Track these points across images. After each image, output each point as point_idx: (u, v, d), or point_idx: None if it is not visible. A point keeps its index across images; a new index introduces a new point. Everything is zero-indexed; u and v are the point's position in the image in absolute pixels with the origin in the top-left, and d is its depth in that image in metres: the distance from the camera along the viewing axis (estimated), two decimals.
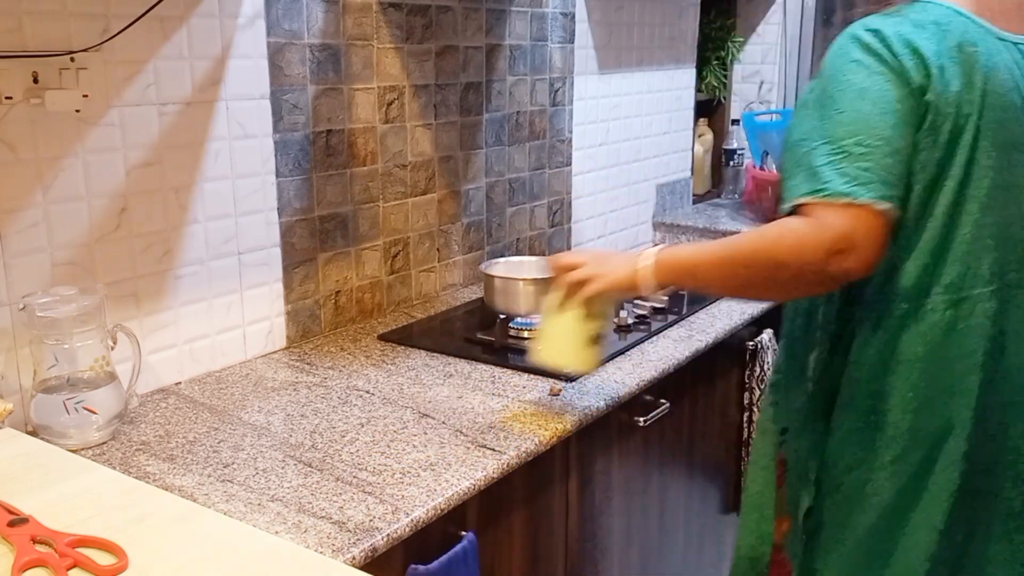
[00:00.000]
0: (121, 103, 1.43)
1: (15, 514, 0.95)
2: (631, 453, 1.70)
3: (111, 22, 1.38)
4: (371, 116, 1.86)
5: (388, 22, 1.86)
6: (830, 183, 1.06)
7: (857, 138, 1.08)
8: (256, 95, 1.63)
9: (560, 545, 1.53)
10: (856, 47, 1.12)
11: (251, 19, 1.59)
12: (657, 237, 2.95)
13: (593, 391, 1.53)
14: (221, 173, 1.59)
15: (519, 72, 2.24)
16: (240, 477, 1.22)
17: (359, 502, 1.15)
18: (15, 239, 1.32)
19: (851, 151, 1.07)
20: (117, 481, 1.05)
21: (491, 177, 2.21)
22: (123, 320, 1.46)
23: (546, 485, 1.46)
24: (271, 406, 1.47)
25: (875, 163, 1.06)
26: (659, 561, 1.88)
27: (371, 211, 1.90)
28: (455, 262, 2.15)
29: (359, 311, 1.91)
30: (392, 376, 1.60)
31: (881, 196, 1.05)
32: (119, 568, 0.86)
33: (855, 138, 1.08)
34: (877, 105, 1.09)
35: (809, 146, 1.11)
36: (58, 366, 1.29)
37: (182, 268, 1.56)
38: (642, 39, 2.71)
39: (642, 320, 1.90)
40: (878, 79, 1.10)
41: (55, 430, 1.28)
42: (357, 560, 1.05)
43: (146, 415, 1.43)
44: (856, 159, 1.07)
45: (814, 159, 1.09)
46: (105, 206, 1.43)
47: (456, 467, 1.25)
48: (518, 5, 2.19)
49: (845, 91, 1.10)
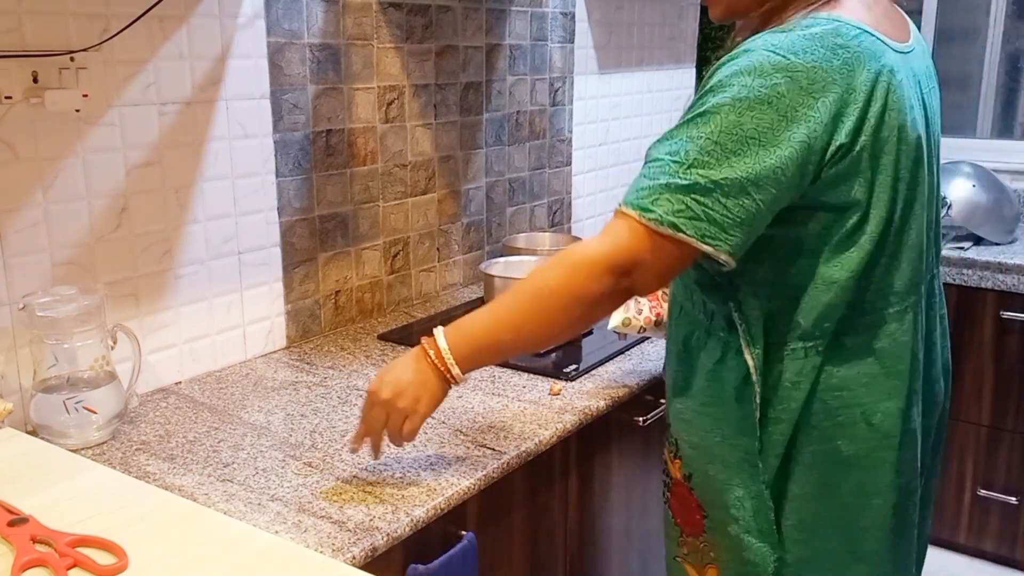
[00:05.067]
0: (121, 103, 1.43)
1: (15, 514, 0.95)
2: (631, 453, 1.70)
3: (111, 22, 1.38)
4: (371, 116, 1.86)
5: (388, 22, 1.86)
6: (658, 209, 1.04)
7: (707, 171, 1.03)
8: (256, 95, 1.63)
9: (560, 545, 1.53)
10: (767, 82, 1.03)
11: (251, 19, 1.59)
12: None
13: (593, 391, 1.53)
14: (221, 173, 1.59)
15: (519, 72, 2.24)
16: (240, 477, 1.22)
17: (359, 502, 1.15)
18: (15, 239, 1.32)
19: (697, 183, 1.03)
20: (117, 481, 1.05)
21: (491, 177, 2.21)
22: (123, 320, 1.46)
23: (546, 485, 1.46)
24: (271, 406, 1.47)
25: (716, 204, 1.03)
26: (659, 561, 1.88)
27: (371, 211, 1.90)
28: (455, 262, 2.15)
29: (359, 311, 1.91)
30: None
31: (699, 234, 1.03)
32: (119, 568, 0.86)
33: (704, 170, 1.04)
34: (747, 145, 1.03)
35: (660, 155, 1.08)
36: (58, 366, 1.29)
37: (182, 268, 1.56)
38: (642, 39, 2.71)
39: None
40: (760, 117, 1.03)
41: (55, 430, 1.28)
42: (357, 559, 1.05)
43: (146, 415, 1.43)
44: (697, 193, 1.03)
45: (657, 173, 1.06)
46: (105, 206, 1.43)
47: (456, 467, 1.25)
48: (518, 5, 2.19)
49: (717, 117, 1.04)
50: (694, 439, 1.24)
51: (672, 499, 1.32)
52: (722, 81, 1.05)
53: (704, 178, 1.02)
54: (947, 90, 3.06)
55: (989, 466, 2.54)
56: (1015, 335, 2.43)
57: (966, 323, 2.49)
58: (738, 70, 1.04)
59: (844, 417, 1.16)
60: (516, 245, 2.12)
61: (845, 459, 1.17)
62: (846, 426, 1.16)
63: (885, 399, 1.16)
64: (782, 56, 1.03)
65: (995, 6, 2.95)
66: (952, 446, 2.58)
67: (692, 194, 1.03)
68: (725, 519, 1.22)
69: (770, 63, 1.03)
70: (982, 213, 2.56)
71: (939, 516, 2.64)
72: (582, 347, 1.75)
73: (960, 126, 3.06)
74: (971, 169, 2.64)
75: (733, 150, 1.02)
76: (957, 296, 2.48)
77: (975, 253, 2.46)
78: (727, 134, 1.02)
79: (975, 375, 2.51)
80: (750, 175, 1.02)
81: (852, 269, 1.11)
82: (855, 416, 1.16)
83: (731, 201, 1.02)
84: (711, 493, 1.23)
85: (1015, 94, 3.00)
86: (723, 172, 1.02)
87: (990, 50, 2.99)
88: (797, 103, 1.02)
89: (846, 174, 1.06)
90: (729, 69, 1.05)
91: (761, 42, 1.06)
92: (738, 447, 1.19)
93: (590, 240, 1.11)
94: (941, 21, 3.01)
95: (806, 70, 1.02)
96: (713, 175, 1.02)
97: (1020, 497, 2.50)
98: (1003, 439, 2.50)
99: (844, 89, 1.03)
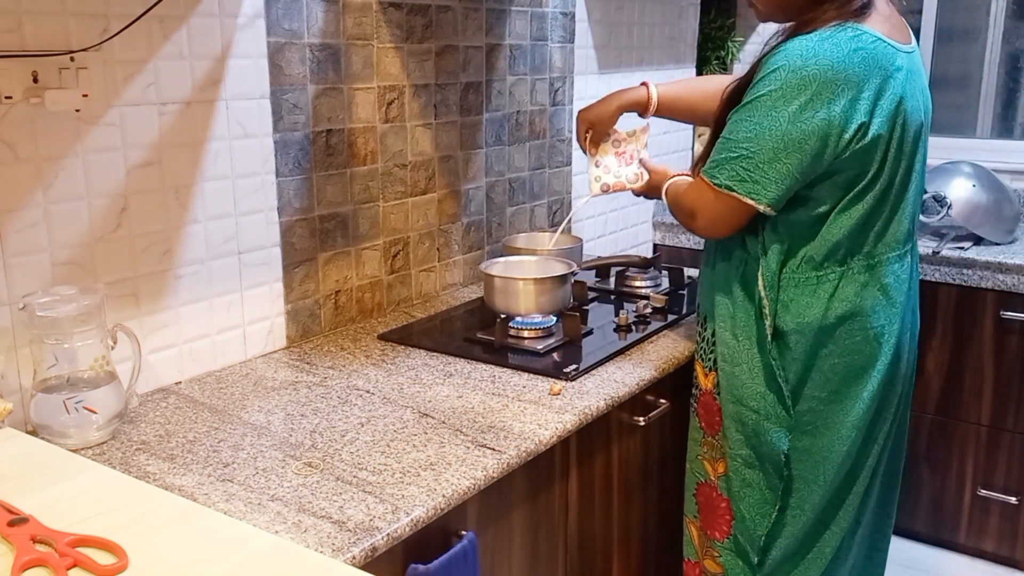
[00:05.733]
0: (121, 103, 1.43)
1: (15, 514, 0.95)
2: (631, 453, 1.70)
3: (111, 22, 1.38)
4: (371, 116, 1.86)
5: (388, 22, 1.86)
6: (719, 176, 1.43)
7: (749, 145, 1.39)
8: (256, 95, 1.63)
9: (560, 545, 1.53)
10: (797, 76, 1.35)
11: (251, 19, 1.59)
12: (657, 237, 2.95)
13: (593, 391, 1.53)
14: (221, 173, 1.59)
15: (519, 72, 2.24)
16: (240, 476, 1.22)
17: (359, 502, 1.15)
18: (15, 239, 1.33)
19: (742, 154, 1.40)
20: (117, 481, 1.05)
21: (491, 177, 2.21)
22: (123, 320, 1.46)
23: (546, 485, 1.46)
24: (271, 406, 1.47)
25: (755, 168, 1.39)
26: (659, 561, 1.88)
27: (371, 211, 1.90)
28: (455, 262, 2.15)
29: (359, 311, 1.91)
30: (392, 376, 1.60)
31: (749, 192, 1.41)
32: (119, 568, 0.86)
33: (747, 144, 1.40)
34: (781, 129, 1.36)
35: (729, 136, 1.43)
36: (58, 366, 1.29)
37: (182, 268, 1.56)
38: (642, 39, 2.71)
39: (642, 320, 1.90)
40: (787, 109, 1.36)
41: (55, 430, 1.28)
42: (357, 559, 1.05)
43: (146, 415, 1.43)
44: (742, 161, 1.40)
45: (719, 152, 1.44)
46: (105, 206, 1.43)
47: (456, 467, 1.25)
48: (518, 5, 2.19)
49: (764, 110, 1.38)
50: (726, 351, 1.56)
51: (699, 408, 1.66)
52: (765, 77, 1.38)
53: (747, 150, 1.40)
54: (947, 90, 3.06)
55: (989, 466, 2.54)
56: (1015, 335, 2.43)
57: (966, 323, 2.49)
58: (778, 67, 1.37)
59: (860, 337, 1.48)
60: (516, 245, 2.12)
61: (855, 371, 1.50)
62: (861, 344, 1.48)
63: (888, 323, 1.50)
64: (812, 56, 1.35)
65: (995, 6, 2.95)
66: (952, 446, 2.58)
67: (741, 162, 1.40)
68: (743, 413, 1.54)
69: (802, 61, 1.35)
70: (982, 213, 2.56)
71: (939, 516, 2.64)
72: (582, 347, 1.75)
73: (960, 126, 3.06)
74: (971, 169, 2.64)
75: (768, 128, 1.37)
76: (957, 296, 2.48)
77: (975, 253, 2.46)
78: (764, 115, 1.37)
79: (975, 375, 2.51)
80: (779, 145, 1.37)
81: (858, 218, 1.44)
82: (868, 336, 1.48)
83: (767, 166, 1.38)
84: (735, 392, 1.55)
85: (1015, 94, 3.00)
86: (760, 144, 1.38)
87: (990, 50, 2.99)
88: (821, 90, 1.34)
89: (866, 148, 1.38)
90: (770, 67, 1.38)
91: (796, 44, 1.37)
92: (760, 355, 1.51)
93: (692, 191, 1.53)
94: (941, 21, 3.01)
95: (831, 65, 1.34)
96: (752, 147, 1.39)
97: (1020, 497, 2.50)
98: (1003, 439, 2.50)
99: (860, 81, 1.35)
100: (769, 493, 1.56)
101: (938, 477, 2.62)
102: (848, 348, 1.48)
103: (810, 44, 1.35)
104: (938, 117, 3.09)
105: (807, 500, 1.55)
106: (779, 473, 1.53)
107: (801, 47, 1.36)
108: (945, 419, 2.57)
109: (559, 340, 1.76)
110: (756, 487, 1.57)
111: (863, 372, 1.50)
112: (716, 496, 1.64)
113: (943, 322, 2.52)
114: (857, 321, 1.47)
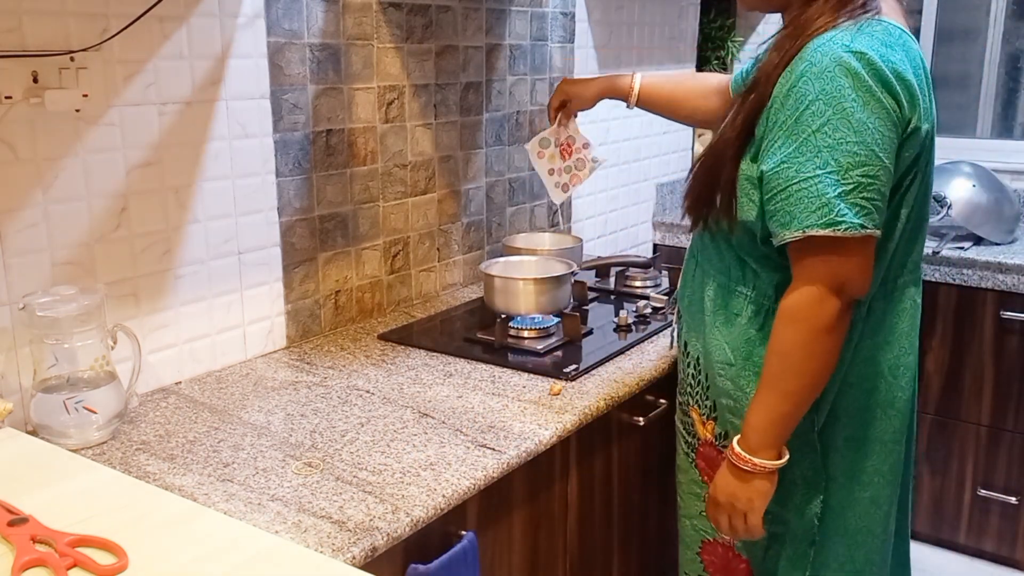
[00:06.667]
0: (121, 103, 1.43)
1: (15, 514, 0.95)
2: (631, 453, 1.70)
3: (111, 22, 1.38)
4: (371, 116, 1.86)
5: (388, 22, 1.86)
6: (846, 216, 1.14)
7: (864, 169, 1.14)
8: (256, 95, 1.63)
9: (560, 545, 1.53)
10: (845, 75, 1.14)
11: (251, 19, 1.59)
12: (657, 236, 2.95)
13: (593, 391, 1.53)
14: (221, 173, 1.59)
15: (519, 72, 2.24)
16: (240, 476, 1.22)
17: (359, 502, 1.15)
18: (15, 239, 1.32)
19: (860, 182, 1.14)
20: (117, 481, 1.05)
21: (491, 177, 2.21)
22: (123, 320, 1.46)
23: (546, 485, 1.46)
24: (271, 406, 1.47)
25: (877, 193, 1.15)
26: (659, 561, 1.88)
27: (371, 211, 1.90)
28: (455, 262, 2.15)
29: (359, 311, 1.91)
30: (392, 376, 1.60)
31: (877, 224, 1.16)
32: (119, 568, 0.86)
33: (862, 169, 1.14)
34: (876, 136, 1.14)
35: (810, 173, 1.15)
36: (58, 366, 1.29)
37: (182, 268, 1.56)
38: (642, 39, 2.71)
39: (642, 320, 1.90)
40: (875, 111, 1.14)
41: (55, 430, 1.28)
42: (357, 559, 1.05)
43: (146, 415, 1.43)
44: (864, 190, 1.14)
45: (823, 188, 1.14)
46: (105, 206, 1.43)
47: (456, 467, 1.25)
48: (518, 5, 2.19)
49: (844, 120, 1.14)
50: (734, 403, 1.37)
51: (699, 460, 1.48)
52: (824, 88, 1.14)
53: (864, 176, 1.14)
54: (947, 90, 3.06)
55: (989, 466, 2.54)
56: (1015, 335, 2.43)
57: (966, 323, 2.49)
58: (832, 74, 1.14)
59: (874, 372, 1.33)
60: (516, 245, 2.12)
61: (873, 411, 1.35)
62: (876, 380, 1.33)
63: (905, 354, 1.35)
64: (860, 53, 1.14)
65: (995, 6, 2.95)
66: (952, 446, 2.58)
67: (861, 193, 1.14)
68: None
69: (854, 61, 1.14)
70: (982, 213, 2.56)
71: (939, 516, 2.64)
72: (582, 347, 1.75)
73: (960, 126, 3.06)
74: (971, 169, 2.64)
75: (867, 142, 1.14)
76: (957, 296, 2.48)
77: (975, 253, 2.46)
78: (855, 131, 1.13)
79: (975, 375, 2.50)
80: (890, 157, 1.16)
81: (893, 239, 1.26)
82: (883, 371, 1.33)
83: (882, 185, 1.16)
84: None
85: (1015, 94, 3.00)
86: (873, 163, 1.14)
87: (990, 50, 2.99)
88: (881, 89, 1.14)
89: (910, 156, 1.21)
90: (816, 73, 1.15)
91: (836, 44, 1.15)
92: None
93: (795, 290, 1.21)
94: (941, 21, 3.01)
95: (881, 62, 1.14)
96: (868, 170, 1.14)
97: (1020, 497, 2.50)
98: (1003, 439, 2.50)
99: (910, 74, 1.17)
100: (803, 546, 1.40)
101: (938, 477, 2.62)
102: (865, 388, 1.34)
103: (850, 41, 1.15)
104: (938, 117, 3.10)
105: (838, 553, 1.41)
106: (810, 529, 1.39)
107: (843, 46, 1.15)
108: (945, 419, 2.57)
109: (559, 340, 1.76)
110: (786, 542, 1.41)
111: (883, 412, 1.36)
112: (733, 557, 1.47)
113: (943, 322, 2.52)
114: None
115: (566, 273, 1.87)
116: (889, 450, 1.38)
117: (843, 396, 1.34)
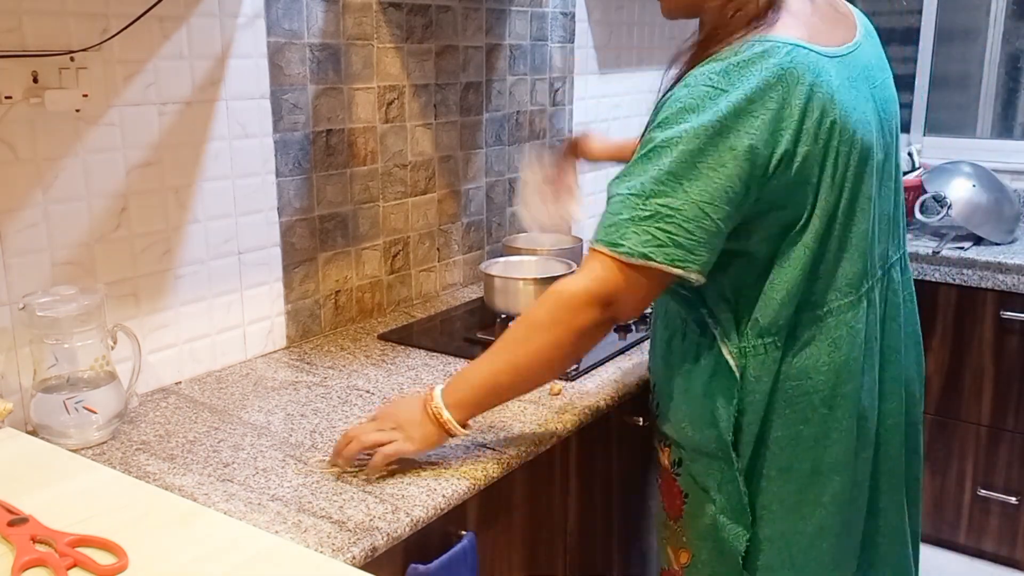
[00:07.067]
0: (121, 103, 1.43)
1: (15, 514, 0.95)
2: (631, 453, 1.70)
3: (111, 22, 1.38)
4: (371, 116, 1.86)
5: (388, 22, 1.86)
6: (628, 241, 1.12)
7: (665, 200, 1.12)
8: (256, 95, 1.63)
9: (560, 545, 1.53)
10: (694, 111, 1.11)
11: (251, 19, 1.59)
12: None
13: (593, 391, 1.53)
14: (221, 173, 1.59)
15: (519, 72, 2.24)
16: (240, 476, 1.22)
17: (359, 501, 1.15)
18: (15, 239, 1.33)
19: (658, 211, 1.12)
20: (117, 481, 1.05)
21: (491, 177, 2.21)
22: (123, 320, 1.46)
23: (546, 485, 1.46)
24: (271, 406, 1.47)
25: (679, 228, 1.11)
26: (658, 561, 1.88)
27: (371, 211, 1.90)
28: (455, 262, 2.15)
29: (359, 311, 1.91)
30: (392, 376, 1.60)
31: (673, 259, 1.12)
32: (119, 568, 0.86)
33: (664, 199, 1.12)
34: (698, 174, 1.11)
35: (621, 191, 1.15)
36: (58, 366, 1.29)
37: (182, 268, 1.56)
38: (642, 39, 2.71)
39: (642, 320, 1.90)
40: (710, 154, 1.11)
41: (55, 430, 1.28)
42: (357, 559, 1.05)
43: (146, 415, 1.43)
44: (660, 220, 1.11)
45: (620, 208, 1.14)
46: (105, 206, 1.43)
47: (456, 467, 1.25)
48: (518, 5, 2.19)
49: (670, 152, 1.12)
50: (674, 431, 1.35)
51: (662, 484, 1.43)
52: (668, 118, 1.13)
53: (664, 207, 1.11)
54: (947, 90, 3.06)
55: (989, 466, 2.54)
56: (1015, 335, 2.43)
57: (966, 323, 2.49)
58: (682, 107, 1.12)
59: (804, 403, 1.26)
60: (516, 245, 2.12)
61: (806, 441, 1.27)
62: (806, 411, 1.26)
63: (842, 384, 1.26)
64: (719, 88, 1.11)
65: (995, 6, 2.95)
66: (952, 446, 2.58)
67: (656, 223, 1.11)
68: (704, 501, 1.32)
69: (709, 95, 1.11)
70: (982, 213, 2.56)
71: (939, 516, 2.64)
72: None
73: (960, 126, 3.06)
74: (971, 169, 2.64)
75: (686, 176, 1.11)
76: (957, 296, 2.48)
77: (975, 253, 2.46)
78: (678, 163, 1.11)
79: (975, 375, 2.51)
80: (704, 197, 1.10)
81: (800, 267, 1.20)
82: (815, 402, 1.26)
83: (692, 224, 1.11)
84: (692, 479, 1.34)
85: (1015, 94, 3.00)
86: (680, 198, 1.11)
87: (990, 50, 2.99)
88: (737, 125, 1.10)
89: (793, 182, 1.15)
90: (674, 106, 1.13)
91: (699, 75, 1.13)
92: (710, 438, 1.29)
93: (570, 277, 1.19)
94: (941, 21, 3.01)
95: (743, 94, 1.10)
96: (671, 203, 1.11)
97: (1020, 497, 2.50)
98: (1003, 439, 2.50)
99: (780, 105, 1.11)
100: None
101: (938, 477, 2.61)
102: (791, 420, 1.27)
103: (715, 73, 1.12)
104: (938, 117, 3.10)
105: None
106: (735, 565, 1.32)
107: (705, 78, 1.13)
108: (945, 419, 2.57)
109: None
110: None
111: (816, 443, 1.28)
112: None
113: (943, 322, 2.52)
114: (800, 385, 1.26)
115: (566, 273, 1.87)
116: (826, 480, 1.29)
117: (770, 426, 1.27)
